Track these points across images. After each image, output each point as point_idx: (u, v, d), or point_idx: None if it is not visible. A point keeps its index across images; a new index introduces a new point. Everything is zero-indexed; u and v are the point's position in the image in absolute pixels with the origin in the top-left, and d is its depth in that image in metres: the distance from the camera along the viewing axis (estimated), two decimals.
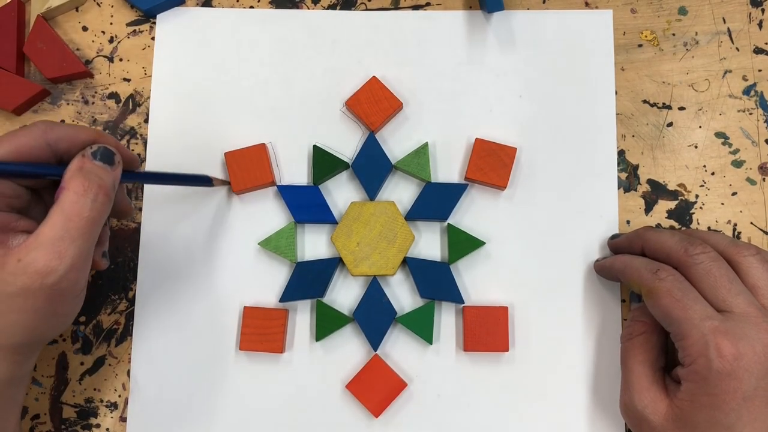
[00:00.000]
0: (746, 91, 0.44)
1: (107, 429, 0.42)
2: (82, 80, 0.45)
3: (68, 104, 0.44)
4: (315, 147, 0.43)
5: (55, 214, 0.31)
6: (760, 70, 0.44)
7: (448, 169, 0.43)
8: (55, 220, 0.30)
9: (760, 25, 0.44)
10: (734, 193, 0.43)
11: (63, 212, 0.30)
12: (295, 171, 0.43)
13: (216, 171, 0.43)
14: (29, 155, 0.31)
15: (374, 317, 0.41)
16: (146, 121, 0.44)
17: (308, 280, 0.41)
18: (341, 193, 0.43)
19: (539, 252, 0.43)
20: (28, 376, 0.35)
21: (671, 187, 0.43)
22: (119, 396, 0.42)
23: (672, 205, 0.43)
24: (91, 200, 0.31)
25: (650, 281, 0.36)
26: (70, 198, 0.31)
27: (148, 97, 0.44)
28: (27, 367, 0.34)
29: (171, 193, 0.43)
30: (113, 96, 0.45)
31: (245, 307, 0.41)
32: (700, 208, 0.43)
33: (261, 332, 0.41)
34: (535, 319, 0.42)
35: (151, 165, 0.43)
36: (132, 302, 0.43)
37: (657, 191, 0.43)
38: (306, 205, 0.42)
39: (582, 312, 0.42)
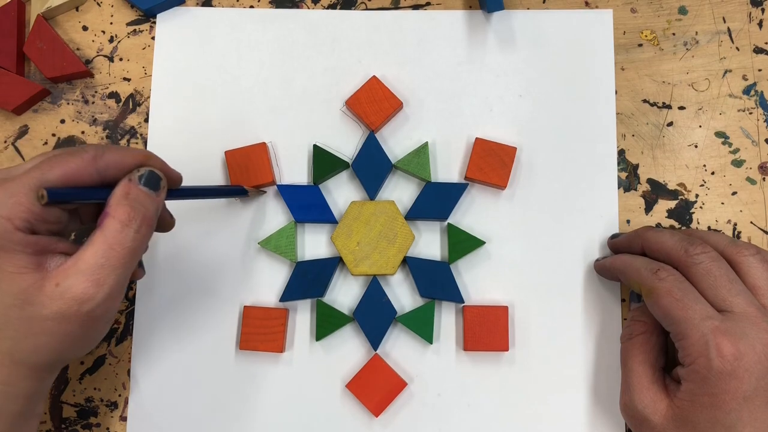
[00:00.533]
0: (746, 91, 0.44)
1: (107, 428, 0.42)
2: (83, 80, 0.45)
3: (68, 104, 0.44)
4: (315, 147, 0.43)
5: (97, 241, 0.30)
6: (760, 70, 0.44)
7: (448, 169, 0.43)
8: (97, 247, 0.30)
9: (760, 24, 0.44)
10: (734, 193, 0.43)
11: (106, 240, 0.30)
12: (295, 171, 0.43)
13: (216, 170, 0.43)
14: (77, 180, 0.31)
15: (374, 317, 0.41)
16: (146, 120, 0.44)
17: (308, 280, 0.41)
18: (341, 192, 0.43)
19: (539, 252, 0.42)
20: (48, 390, 0.35)
21: (671, 186, 0.43)
22: (119, 395, 0.42)
23: (672, 204, 0.43)
24: (134, 231, 0.31)
25: (650, 281, 0.36)
26: (115, 227, 0.31)
27: (148, 97, 0.44)
28: (49, 382, 0.34)
29: None
30: (113, 96, 0.45)
31: (245, 306, 0.41)
32: (700, 207, 0.43)
33: (261, 332, 0.41)
34: (535, 319, 0.42)
35: None
36: (132, 302, 0.43)
37: (657, 191, 0.43)
38: (306, 205, 0.42)
39: (582, 312, 0.42)
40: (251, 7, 0.45)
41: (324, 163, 0.43)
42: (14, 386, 0.31)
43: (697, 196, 0.43)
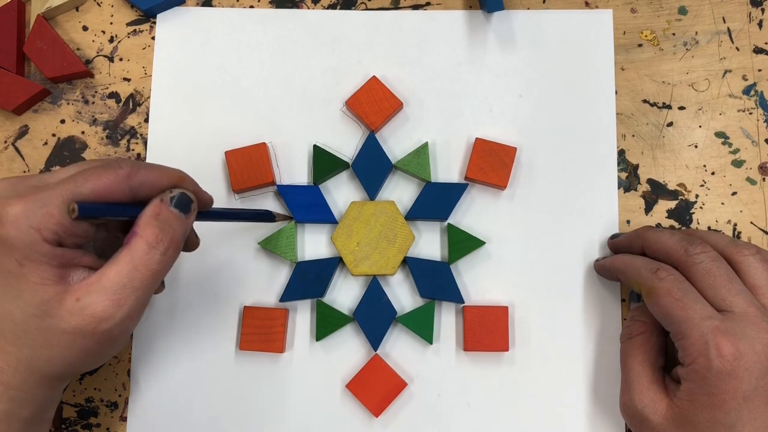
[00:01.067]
0: (746, 91, 0.44)
1: (107, 429, 0.42)
2: (83, 80, 0.45)
3: (68, 104, 0.44)
4: (315, 147, 0.43)
5: (123, 260, 0.30)
6: (760, 70, 0.44)
7: (448, 169, 0.43)
8: (122, 267, 0.30)
9: (760, 24, 0.44)
10: (734, 193, 0.43)
11: (131, 260, 0.30)
12: (295, 171, 0.43)
13: (216, 170, 0.43)
14: (109, 195, 0.31)
15: (374, 317, 0.41)
16: (146, 120, 0.44)
17: (308, 280, 0.41)
18: (341, 193, 0.43)
19: (539, 252, 0.43)
20: (59, 398, 0.35)
21: (671, 186, 0.43)
22: (119, 396, 0.42)
23: (672, 204, 0.43)
24: (161, 253, 0.31)
25: (650, 281, 0.36)
26: (142, 248, 0.30)
27: (148, 97, 0.44)
28: (60, 390, 0.34)
29: None
30: (113, 96, 0.45)
31: (245, 307, 0.41)
32: (700, 207, 0.43)
33: (261, 332, 0.41)
34: (535, 319, 0.42)
35: None
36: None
37: (657, 191, 0.43)
38: (306, 205, 0.42)
39: (582, 312, 0.42)
40: (251, 7, 0.45)
41: (324, 163, 0.43)
42: (27, 393, 0.31)
43: (697, 196, 0.43)
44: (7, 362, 0.31)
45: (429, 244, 0.43)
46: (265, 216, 0.40)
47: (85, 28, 0.45)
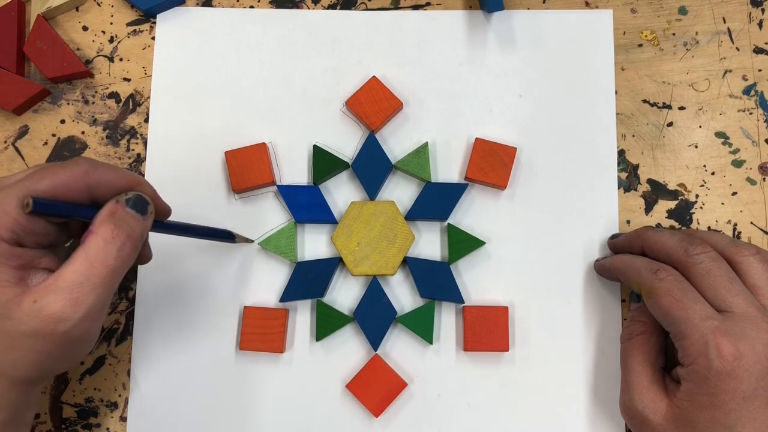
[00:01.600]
0: (746, 91, 0.44)
1: (107, 429, 0.42)
2: (83, 80, 0.45)
3: (68, 104, 0.44)
4: (315, 147, 0.43)
5: (78, 258, 0.30)
6: (760, 70, 0.44)
7: (448, 169, 0.43)
8: (78, 265, 0.30)
9: (760, 24, 0.44)
10: (734, 193, 0.43)
11: (87, 258, 0.30)
12: (295, 171, 0.43)
13: (216, 171, 0.43)
14: (66, 193, 0.31)
15: (374, 317, 0.41)
16: (146, 120, 0.44)
17: (308, 280, 0.41)
18: (341, 193, 0.43)
19: (539, 252, 0.42)
20: (36, 400, 0.35)
21: (671, 186, 0.43)
22: (119, 396, 0.42)
23: (672, 204, 0.43)
24: (117, 248, 0.30)
25: (650, 281, 0.36)
26: (97, 244, 0.30)
27: (148, 97, 0.44)
28: (35, 393, 0.34)
29: (172, 193, 0.43)
30: (113, 96, 0.45)
31: (245, 307, 0.41)
32: (701, 207, 0.43)
33: (261, 332, 0.41)
34: (535, 319, 0.42)
35: (151, 165, 0.43)
36: (132, 302, 0.43)
37: (657, 191, 0.43)
38: (306, 205, 0.42)
39: (582, 312, 0.42)
40: (251, 7, 0.45)
41: (324, 163, 0.43)
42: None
43: (697, 196, 0.43)
44: None
45: (429, 244, 0.43)
46: (224, 235, 0.40)
47: (85, 28, 0.45)
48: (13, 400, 0.32)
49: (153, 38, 0.45)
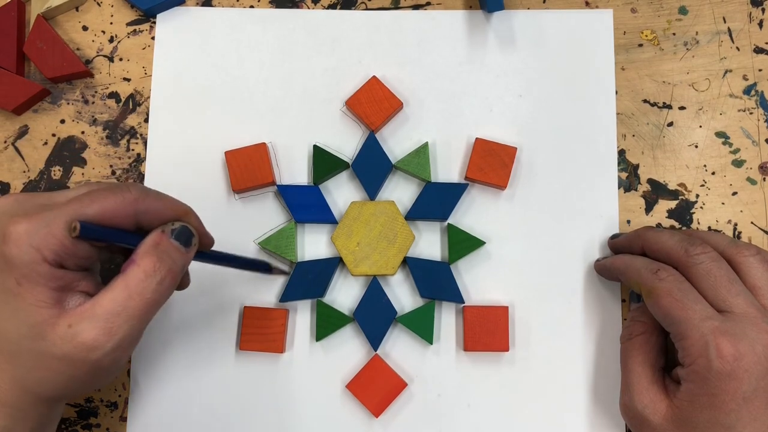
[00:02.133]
0: (746, 91, 0.44)
1: (107, 429, 0.42)
2: (83, 80, 0.45)
3: (68, 104, 0.44)
4: (315, 147, 0.43)
5: (118, 287, 0.30)
6: (760, 70, 0.44)
7: (448, 169, 0.43)
8: (117, 294, 0.30)
9: (760, 24, 0.44)
10: (734, 193, 0.43)
11: (126, 288, 0.30)
12: (295, 171, 0.43)
13: (216, 171, 0.43)
14: (113, 219, 0.31)
15: (374, 317, 0.41)
16: (146, 120, 0.44)
17: (308, 280, 0.41)
18: (341, 193, 0.43)
19: (539, 252, 0.42)
20: (59, 414, 0.35)
21: (671, 186, 0.43)
22: (119, 396, 0.42)
23: (672, 204, 0.43)
24: (157, 282, 0.30)
25: (650, 281, 0.36)
26: (138, 275, 0.30)
27: (148, 97, 0.44)
28: (58, 409, 0.34)
29: (171, 193, 0.43)
30: (113, 96, 0.45)
31: (245, 307, 0.41)
32: (701, 207, 0.43)
33: (261, 332, 0.41)
34: (535, 319, 0.42)
35: (151, 165, 0.43)
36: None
37: (657, 191, 0.43)
38: (306, 205, 0.42)
39: (582, 312, 0.42)
40: (251, 7, 0.45)
41: (324, 163, 0.43)
42: (23, 411, 0.31)
43: (697, 196, 0.43)
44: (3, 380, 0.30)
45: (429, 244, 0.43)
46: (262, 266, 0.40)
47: (85, 28, 0.45)
48: (37, 415, 0.32)
49: (153, 38, 0.45)
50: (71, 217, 0.29)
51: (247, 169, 0.42)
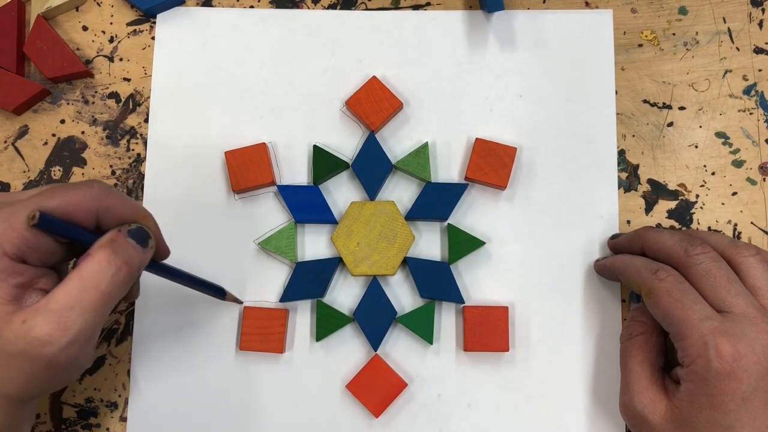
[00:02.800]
0: (746, 91, 0.44)
1: (107, 429, 0.42)
2: (83, 80, 0.45)
3: (68, 104, 0.44)
4: (315, 147, 0.43)
5: (71, 281, 0.29)
6: (760, 70, 0.44)
7: (448, 169, 0.43)
8: (70, 287, 0.29)
9: (760, 24, 0.44)
10: (734, 193, 0.43)
11: (81, 281, 0.29)
12: (295, 171, 0.43)
13: (216, 171, 0.43)
14: (75, 214, 0.30)
15: (374, 317, 0.41)
16: (146, 121, 0.44)
17: (308, 280, 0.41)
18: (341, 193, 0.43)
19: (539, 252, 0.42)
20: (30, 415, 0.34)
21: (671, 187, 0.43)
22: (119, 396, 0.42)
23: (672, 205, 0.43)
24: (111, 274, 0.30)
25: (650, 281, 0.36)
26: (92, 267, 0.29)
27: (148, 97, 0.44)
28: (28, 409, 0.34)
29: (171, 193, 0.43)
30: (113, 96, 0.45)
31: (245, 307, 0.41)
32: (701, 208, 0.43)
33: (261, 332, 0.41)
34: (535, 319, 0.42)
35: (151, 165, 0.43)
36: (132, 302, 0.43)
37: (657, 191, 0.43)
38: (306, 205, 0.42)
39: (582, 312, 0.42)
40: (251, 7, 0.45)
41: (324, 163, 0.43)
42: None
43: (697, 196, 0.43)
44: None
45: (429, 244, 0.43)
46: (216, 291, 0.40)
47: (85, 28, 0.45)
48: (8, 415, 0.31)
49: (153, 38, 0.45)
50: (32, 210, 0.29)
51: (247, 169, 0.42)
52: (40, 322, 0.29)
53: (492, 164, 0.42)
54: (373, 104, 0.43)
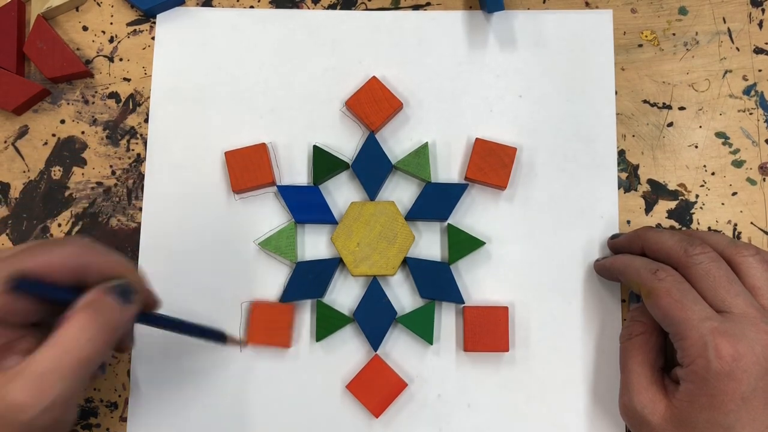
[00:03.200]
0: (746, 91, 0.44)
1: (107, 429, 0.42)
2: (83, 80, 0.45)
3: (68, 104, 0.44)
4: (315, 147, 0.43)
5: (50, 345, 0.29)
6: (760, 70, 0.44)
7: (448, 169, 0.43)
8: (48, 352, 0.28)
9: (760, 25, 0.44)
10: (734, 193, 0.43)
11: (58, 345, 0.28)
12: (295, 171, 0.43)
13: (216, 170, 0.43)
14: (54, 274, 0.30)
15: (374, 317, 0.41)
16: (146, 121, 0.44)
17: (308, 280, 0.41)
18: (341, 193, 0.43)
19: (539, 252, 0.43)
20: None
21: (671, 187, 0.43)
22: (119, 396, 0.42)
23: (672, 205, 0.43)
24: (90, 337, 0.29)
25: (650, 281, 0.36)
26: (71, 332, 0.29)
27: (148, 97, 0.44)
28: None
29: (171, 193, 0.43)
30: (113, 96, 0.45)
31: (253, 303, 0.41)
32: (701, 208, 0.43)
33: (268, 326, 0.41)
34: (535, 319, 0.42)
35: (151, 165, 0.43)
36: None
37: (657, 191, 0.43)
38: (306, 205, 0.42)
39: (582, 312, 0.42)
40: (251, 7, 0.45)
41: (324, 163, 0.43)
42: None
43: (697, 196, 0.43)
44: None
45: (429, 244, 0.43)
46: (216, 336, 0.39)
47: (85, 28, 0.45)
48: None
49: (153, 38, 0.45)
50: (8, 273, 0.29)
51: (247, 170, 0.42)
52: (17, 387, 0.28)
53: (492, 164, 0.42)
54: (373, 104, 0.43)
